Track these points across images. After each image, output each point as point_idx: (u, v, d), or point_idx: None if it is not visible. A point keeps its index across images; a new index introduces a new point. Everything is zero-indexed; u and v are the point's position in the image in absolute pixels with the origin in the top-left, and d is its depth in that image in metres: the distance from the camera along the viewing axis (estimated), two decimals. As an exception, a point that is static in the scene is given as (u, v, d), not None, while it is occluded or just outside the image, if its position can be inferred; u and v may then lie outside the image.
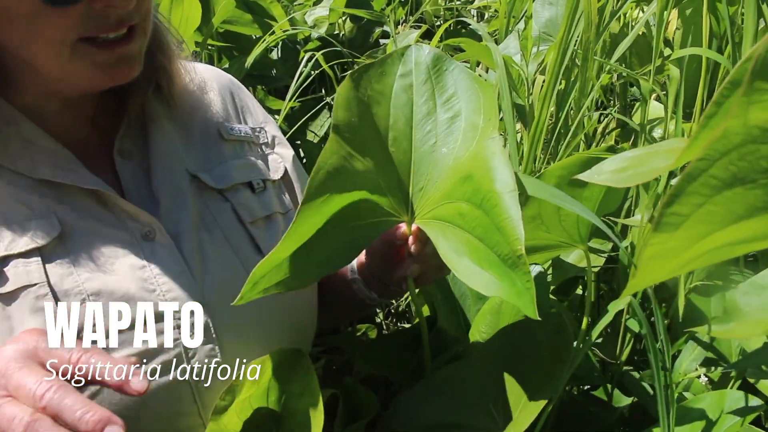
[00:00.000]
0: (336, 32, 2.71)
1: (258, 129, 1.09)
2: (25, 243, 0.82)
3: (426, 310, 1.23)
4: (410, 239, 0.93)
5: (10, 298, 0.80)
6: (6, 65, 0.85)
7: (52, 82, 0.86)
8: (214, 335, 0.87)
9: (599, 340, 1.22)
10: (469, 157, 0.85)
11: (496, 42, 2.27)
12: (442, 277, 1.15)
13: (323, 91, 2.46)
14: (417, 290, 1.05)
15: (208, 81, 1.06)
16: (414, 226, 0.92)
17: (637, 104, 1.58)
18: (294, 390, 0.87)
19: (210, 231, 0.94)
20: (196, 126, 1.01)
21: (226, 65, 2.05)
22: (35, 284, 0.81)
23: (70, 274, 0.83)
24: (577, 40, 1.10)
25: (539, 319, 0.71)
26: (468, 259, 0.78)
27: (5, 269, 0.80)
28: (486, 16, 3.05)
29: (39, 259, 0.82)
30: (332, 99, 2.28)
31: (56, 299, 0.81)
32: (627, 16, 1.61)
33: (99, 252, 0.85)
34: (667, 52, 1.35)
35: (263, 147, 1.08)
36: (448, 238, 0.81)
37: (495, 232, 0.76)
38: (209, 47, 2.09)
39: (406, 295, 1.49)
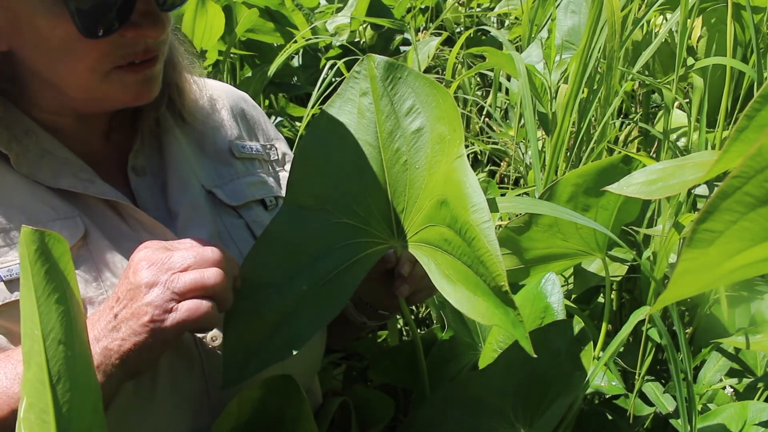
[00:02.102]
0: (357, 40, 2.72)
1: (269, 146, 1.09)
2: None
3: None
4: (399, 260, 0.91)
5: None
6: (23, 81, 0.86)
7: (76, 102, 0.87)
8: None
9: (620, 349, 1.21)
10: (442, 177, 0.82)
11: (518, 50, 2.27)
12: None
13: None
14: (427, 305, 1.04)
15: (219, 98, 1.07)
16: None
17: (660, 112, 1.57)
18: (289, 415, 0.85)
19: (226, 245, 0.93)
20: (208, 142, 1.02)
21: (249, 74, 2.06)
22: None
23: (95, 280, 0.83)
24: (600, 49, 1.10)
25: (534, 356, 0.70)
26: (461, 286, 0.76)
27: None
28: (506, 23, 3.05)
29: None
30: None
31: (83, 306, 0.81)
32: (650, 23, 1.60)
33: (117, 262, 0.85)
34: (690, 60, 1.34)
35: (274, 164, 1.08)
36: (439, 263, 0.79)
37: (479, 265, 0.74)
38: (231, 56, 2.10)
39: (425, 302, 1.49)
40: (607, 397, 1.16)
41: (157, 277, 0.74)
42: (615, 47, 1.03)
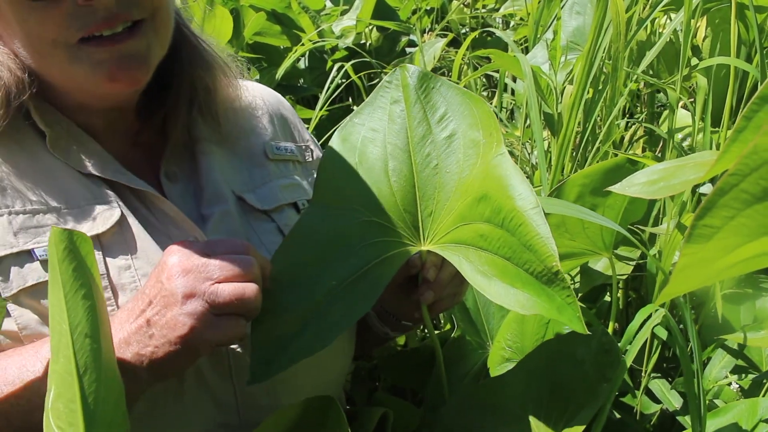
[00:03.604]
0: (363, 41, 2.74)
1: (304, 147, 1.08)
2: (86, 229, 0.82)
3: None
4: (425, 265, 0.90)
5: None
6: (47, 86, 0.86)
7: (73, 92, 0.86)
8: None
9: (626, 347, 1.22)
10: (479, 175, 0.83)
11: (523, 50, 2.28)
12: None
13: (350, 99, 2.50)
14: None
15: (257, 99, 1.06)
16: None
17: (665, 111, 1.58)
18: None
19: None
20: (241, 145, 1.01)
21: (255, 77, 2.08)
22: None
23: (128, 267, 0.83)
24: (605, 50, 1.11)
25: (589, 333, 0.71)
26: (498, 280, 0.76)
27: None
28: (512, 24, 3.06)
29: (100, 252, 0.82)
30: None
31: (114, 293, 0.82)
32: (655, 23, 1.62)
33: (150, 251, 0.85)
34: (694, 60, 1.36)
35: (308, 166, 1.08)
36: (472, 261, 0.79)
37: (524, 251, 0.74)
38: (239, 59, 2.12)
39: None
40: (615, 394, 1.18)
41: (194, 288, 0.72)
42: (620, 48, 1.04)
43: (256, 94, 1.06)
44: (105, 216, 0.84)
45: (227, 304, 0.72)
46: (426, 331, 1.60)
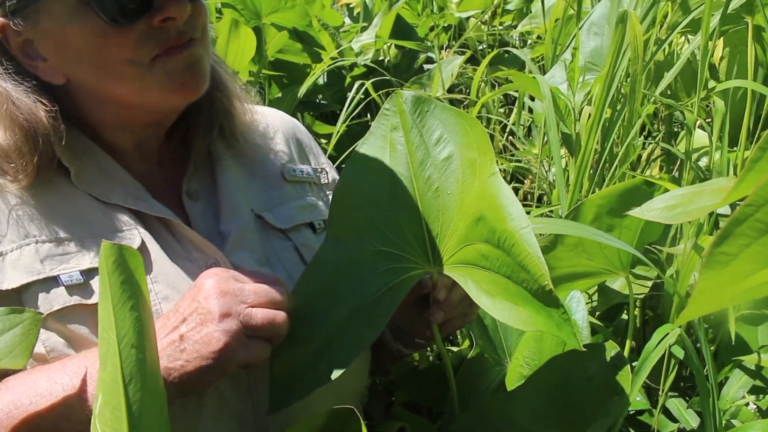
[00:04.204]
0: (381, 58, 2.78)
1: (319, 170, 1.12)
2: None
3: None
4: (435, 286, 0.93)
5: (97, 311, 0.85)
6: (82, 105, 0.91)
7: (127, 110, 0.91)
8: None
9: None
10: (475, 196, 0.85)
11: (540, 68, 2.30)
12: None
13: (368, 115, 2.53)
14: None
15: (272, 123, 1.10)
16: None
17: (683, 131, 1.60)
18: None
19: (274, 268, 0.96)
20: (259, 167, 1.05)
21: (276, 93, 2.12)
22: None
23: (150, 291, 0.87)
24: (623, 72, 1.14)
25: (584, 350, 0.73)
26: (501, 298, 0.78)
27: (91, 282, 0.86)
28: (529, 42, 3.08)
29: None
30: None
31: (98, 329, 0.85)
32: (672, 43, 1.64)
33: (171, 275, 0.89)
34: (712, 82, 1.37)
35: (324, 188, 1.11)
36: (477, 280, 0.81)
37: (520, 270, 0.77)
38: (260, 76, 2.17)
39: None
40: (632, 413, 1.19)
41: (231, 308, 0.77)
42: (638, 71, 1.06)
43: (273, 120, 1.11)
44: (127, 243, 0.88)
45: (259, 327, 0.77)
46: (447, 347, 1.62)
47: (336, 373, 0.83)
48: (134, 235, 0.89)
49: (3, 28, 0.86)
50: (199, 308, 0.78)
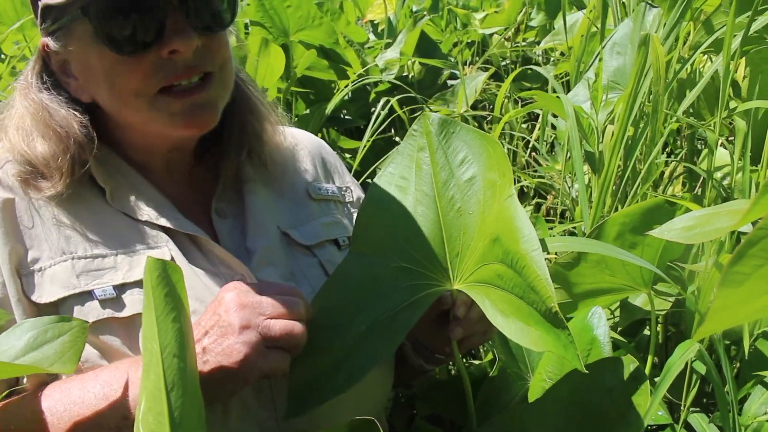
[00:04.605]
0: (405, 74, 2.81)
1: (344, 188, 1.16)
2: (141, 272, 0.89)
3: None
4: (455, 303, 0.95)
5: (128, 324, 0.89)
6: (108, 126, 0.96)
7: (146, 135, 0.96)
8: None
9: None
10: (494, 217, 0.87)
11: (564, 84, 2.32)
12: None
13: (392, 131, 2.56)
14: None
15: (299, 144, 1.14)
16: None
17: (706, 149, 1.61)
18: None
19: (299, 283, 0.99)
20: (286, 186, 1.08)
21: (302, 109, 2.16)
22: None
23: None
24: (645, 92, 1.16)
25: (586, 371, 0.74)
26: (514, 318, 0.80)
27: (123, 296, 0.90)
28: (552, 58, 3.10)
29: None
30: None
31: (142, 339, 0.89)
32: (696, 62, 1.65)
33: (198, 290, 0.92)
34: (733, 102, 1.39)
35: (348, 206, 1.15)
36: (493, 300, 0.83)
37: (530, 292, 0.78)
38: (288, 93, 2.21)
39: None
40: (653, 428, 1.20)
41: (250, 320, 0.80)
42: (660, 91, 1.09)
43: (299, 140, 1.15)
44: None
45: (278, 337, 0.80)
46: (469, 361, 1.64)
47: (353, 384, 0.86)
48: (164, 251, 0.93)
49: (45, 46, 0.93)
50: (220, 321, 0.81)
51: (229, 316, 0.80)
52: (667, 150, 1.85)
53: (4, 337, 0.75)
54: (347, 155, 2.40)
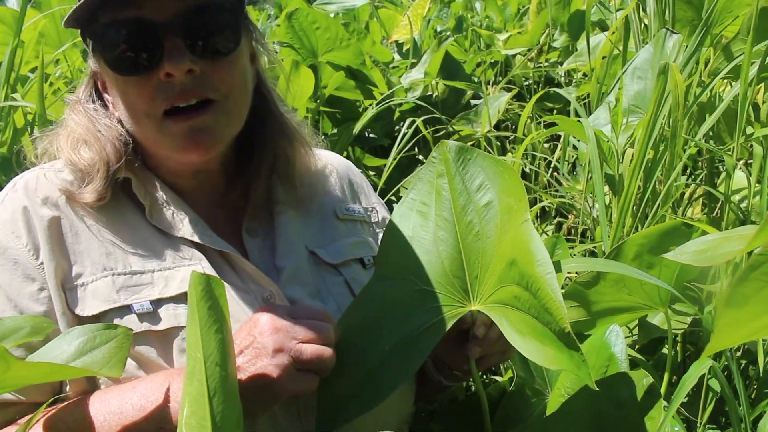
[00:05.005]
0: (429, 93, 2.86)
1: (370, 209, 1.20)
2: (175, 287, 0.96)
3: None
4: (475, 323, 0.98)
5: (164, 336, 0.94)
6: (138, 147, 1.01)
7: (167, 160, 1.00)
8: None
9: (684, 400, 1.27)
10: (510, 241, 0.90)
11: (587, 106, 2.36)
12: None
13: (416, 149, 2.61)
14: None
15: (328, 165, 1.18)
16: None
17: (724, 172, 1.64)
18: None
19: (325, 300, 1.04)
20: (314, 206, 1.12)
21: (332, 130, 2.22)
22: (183, 327, 0.94)
23: None
24: (664, 117, 1.19)
25: (597, 389, 0.78)
26: (530, 337, 0.83)
27: (159, 310, 0.95)
28: (574, 79, 3.13)
29: (186, 305, 0.95)
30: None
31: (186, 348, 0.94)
32: (716, 86, 1.68)
33: (230, 306, 0.97)
34: (752, 128, 1.42)
35: (374, 226, 1.19)
36: (510, 320, 0.86)
37: (545, 313, 0.82)
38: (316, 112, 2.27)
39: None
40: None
41: (283, 344, 0.84)
42: (678, 117, 1.12)
43: (328, 161, 1.19)
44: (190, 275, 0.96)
45: (309, 361, 0.84)
46: (491, 378, 1.66)
47: (378, 402, 0.90)
48: (198, 268, 0.97)
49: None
50: (255, 342, 0.85)
51: (264, 339, 0.85)
52: (688, 171, 1.87)
53: (56, 343, 0.80)
54: (371, 173, 2.44)
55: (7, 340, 0.73)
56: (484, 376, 1.70)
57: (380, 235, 1.16)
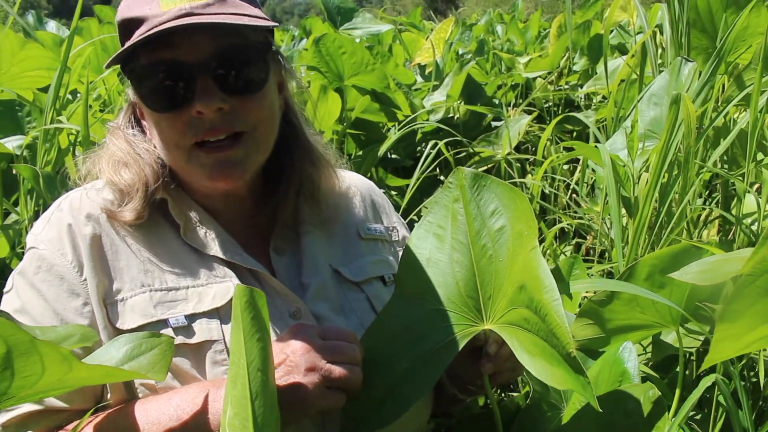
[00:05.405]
0: (451, 115, 2.92)
1: (391, 228, 1.24)
2: (208, 303, 1.02)
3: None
4: (487, 341, 1.02)
5: (197, 349, 1.00)
6: (176, 173, 1.07)
7: (197, 185, 1.05)
8: None
9: (698, 417, 1.31)
10: (520, 266, 0.95)
11: (605, 129, 2.41)
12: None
13: (438, 170, 2.67)
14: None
15: (351, 186, 1.23)
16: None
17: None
18: None
19: (347, 316, 1.09)
20: (338, 226, 1.17)
21: (357, 152, 2.29)
22: (215, 340, 1.00)
23: None
24: (678, 144, 1.25)
25: (600, 410, 0.82)
26: (539, 358, 0.87)
27: (193, 324, 1.00)
28: (594, 102, 3.18)
29: (218, 320, 1.02)
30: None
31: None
32: (730, 112, 1.73)
33: None
34: (763, 154, 1.46)
35: (394, 244, 1.24)
36: (520, 340, 0.91)
37: (552, 337, 0.86)
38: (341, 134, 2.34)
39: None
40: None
41: (314, 363, 0.89)
42: (691, 144, 1.18)
43: (351, 182, 1.24)
44: (222, 292, 1.03)
45: (338, 379, 0.90)
46: (507, 394, 1.71)
47: (398, 416, 0.95)
48: (230, 285, 1.03)
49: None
50: (287, 360, 0.90)
51: (296, 358, 0.90)
52: (705, 194, 1.92)
53: (104, 349, 0.86)
54: (394, 193, 2.50)
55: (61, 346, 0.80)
56: (502, 393, 1.74)
57: (400, 253, 1.20)
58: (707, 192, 1.93)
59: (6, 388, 0.73)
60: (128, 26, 0.99)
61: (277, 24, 1.01)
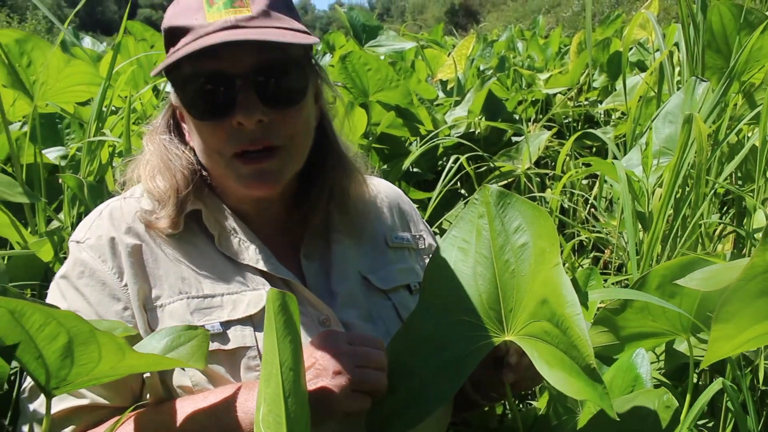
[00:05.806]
0: (472, 130, 2.98)
1: (418, 236, 1.27)
2: (242, 311, 1.05)
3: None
4: (508, 351, 1.05)
5: (232, 355, 1.02)
6: (213, 176, 1.12)
7: (234, 189, 1.09)
8: None
9: (710, 424, 1.35)
10: (542, 281, 0.98)
11: (623, 145, 2.45)
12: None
13: (458, 183, 2.72)
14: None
15: (380, 194, 1.27)
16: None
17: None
18: None
19: (375, 323, 1.12)
20: (367, 234, 1.21)
21: (382, 166, 2.36)
22: (249, 347, 1.03)
23: None
24: (690, 161, 1.30)
25: (617, 419, 0.87)
26: (558, 369, 0.91)
27: (228, 331, 1.03)
28: (613, 118, 3.22)
29: (251, 327, 1.04)
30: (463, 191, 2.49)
31: (261, 358, 1.01)
32: (744, 129, 1.77)
33: None
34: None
35: (421, 252, 1.27)
36: (540, 352, 0.94)
37: (573, 349, 0.90)
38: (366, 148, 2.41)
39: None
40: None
41: (342, 367, 0.93)
42: (702, 161, 1.23)
43: (380, 190, 1.28)
44: (256, 299, 1.07)
45: (364, 384, 0.94)
46: (526, 401, 1.75)
47: (421, 421, 1.00)
48: (262, 295, 1.07)
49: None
50: (317, 364, 0.94)
51: (325, 362, 0.94)
52: (721, 209, 1.96)
53: (147, 341, 0.92)
54: (416, 205, 2.55)
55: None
56: (522, 401, 1.79)
57: (426, 261, 1.23)
58: (724, 207, 1.98)
59: (66, 374, 0.80)
60: (174, 34, 1.03)
61: (317, 40, 1.04)
